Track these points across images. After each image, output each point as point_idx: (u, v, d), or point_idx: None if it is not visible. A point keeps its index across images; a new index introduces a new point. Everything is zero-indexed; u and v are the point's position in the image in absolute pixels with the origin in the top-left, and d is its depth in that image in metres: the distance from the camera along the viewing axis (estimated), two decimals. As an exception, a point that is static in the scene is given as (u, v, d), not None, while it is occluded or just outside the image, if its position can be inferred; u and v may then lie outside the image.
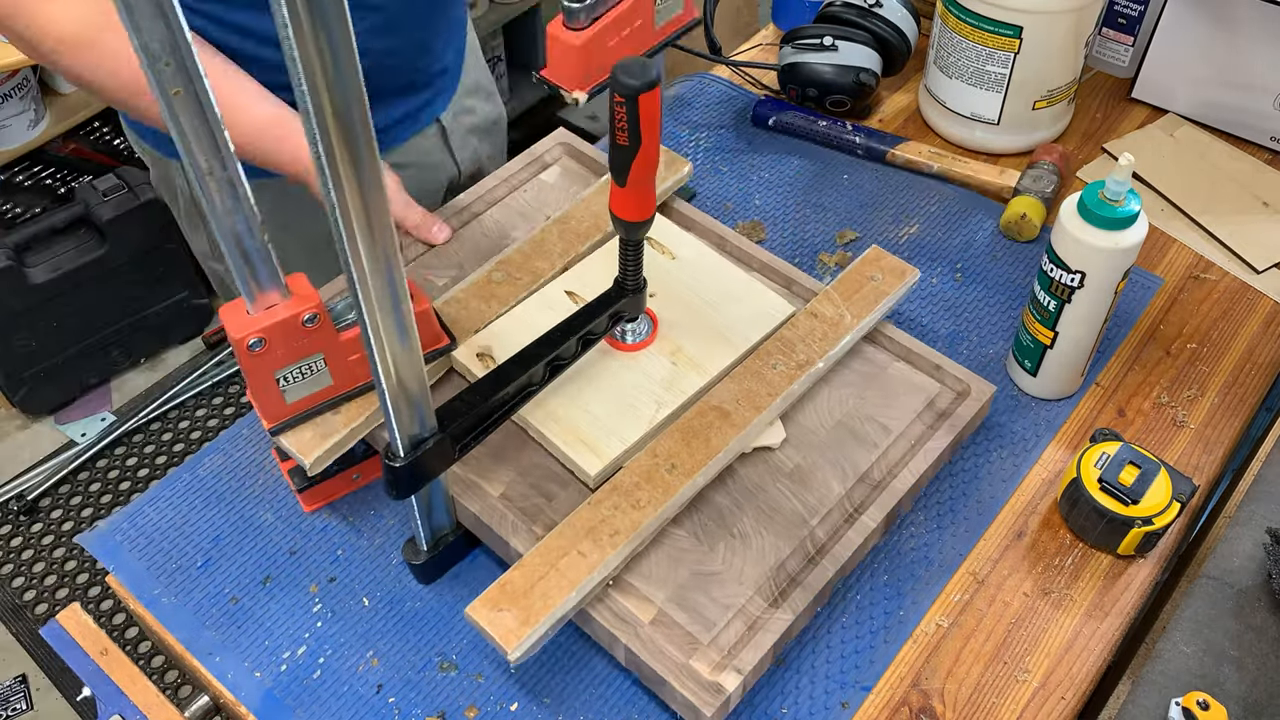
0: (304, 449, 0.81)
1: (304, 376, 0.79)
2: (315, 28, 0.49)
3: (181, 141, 0.62)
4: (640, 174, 0.75)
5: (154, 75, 0.59)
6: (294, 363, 0.77)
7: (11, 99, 2.01)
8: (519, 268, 0.95)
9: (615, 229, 0.80)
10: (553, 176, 1.08)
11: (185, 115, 0.61)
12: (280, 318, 0.74)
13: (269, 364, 0.76)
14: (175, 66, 0.59)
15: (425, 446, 0.72)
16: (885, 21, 1.19)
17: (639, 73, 0.69)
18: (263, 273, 0.72)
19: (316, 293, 0.75)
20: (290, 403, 0.80)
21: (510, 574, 0.75)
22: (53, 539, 2.01)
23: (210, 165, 0.64)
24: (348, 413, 0.83)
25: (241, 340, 0.73)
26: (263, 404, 0.79)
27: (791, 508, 0.83)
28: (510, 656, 0.72)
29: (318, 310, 0.75)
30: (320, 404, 0.82)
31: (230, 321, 0.74)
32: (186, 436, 2.16)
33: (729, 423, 0.84)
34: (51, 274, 2.00)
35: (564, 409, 0.86)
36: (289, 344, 0.76)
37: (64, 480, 2.08)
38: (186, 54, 0.59)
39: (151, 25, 0.57)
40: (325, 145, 0.53)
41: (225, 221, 0.67)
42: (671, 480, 0.81)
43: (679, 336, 0.91)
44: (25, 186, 2.26)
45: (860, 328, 0.91)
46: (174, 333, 2.27)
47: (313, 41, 0.49)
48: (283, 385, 0.78)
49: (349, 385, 0.82)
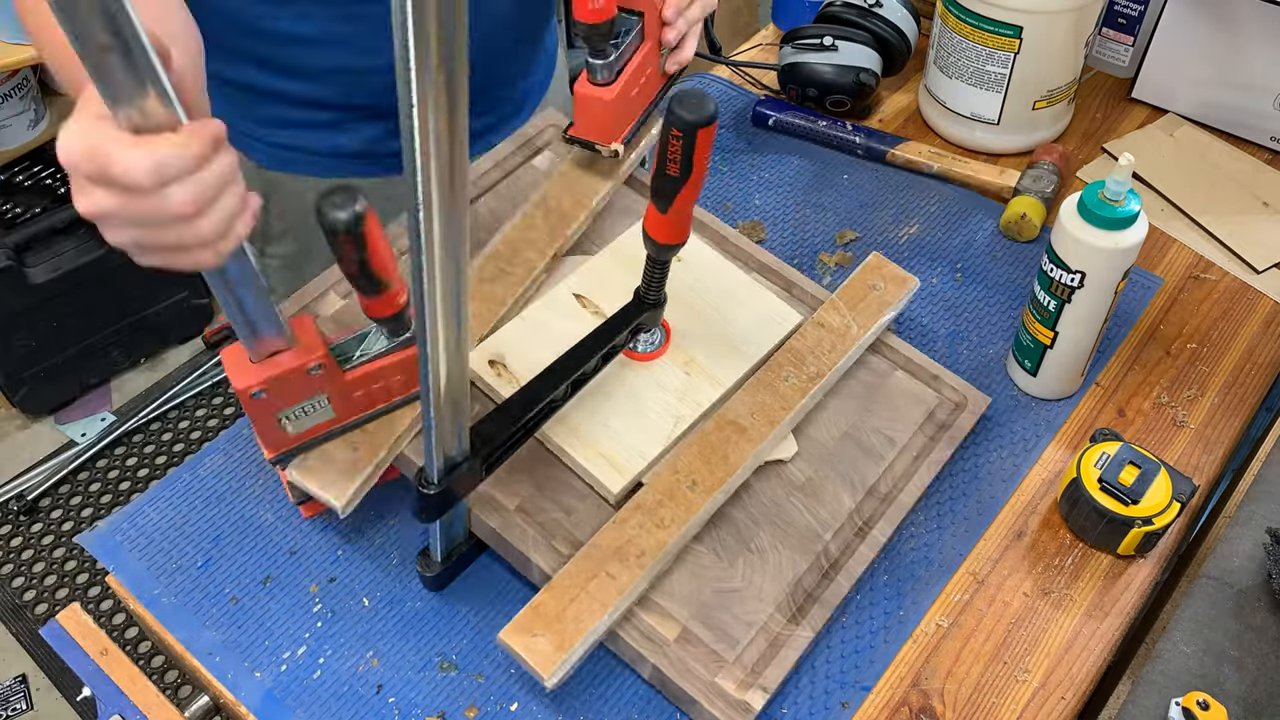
0: (331, 490, 0.78)
1: (306, 414, 0.77)
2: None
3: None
4: (684, 202, 0.75)
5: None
6: (297, 404, 0.76)
7: (11, 99, 2.01)
8: (509, 261, 0.94)
9: (645, 247, 0.80)
10: (545, 162, 1.05)
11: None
12: (285, 368, 0.72)
13: (271, 407, 0.74)
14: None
15: (459, 471, 0.72)
16: (885, 21, 1.19)
17: (697, 107, 0.68)
18: (263, 321, 0.69)
19: (321, 341, 0.73)
20: (292, 435, 0.78)
21: (541, 597, 0.75)
22: (53, 539, 2.01)
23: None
24: (368, 448, 0.80)
25: (244, 390, 0.71)
26: (264, 435, 0.78)
27: (805, 522, 0.84)
28: (547, 683, 0.72)
29: (323, 360, 0.73)
30: (323, 434, 0.80)
31: (233, 370, 0.72)
32: (186, 436, 2.16)
33: (745, 437, 0.84)
34: (51, 274, 1.99)
35: (583, 424, 0.85)
36: (293, 391, 0.74)
37: (64, 480, 2.08)
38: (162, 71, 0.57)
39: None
40: (420, 84, 0.49)
41: (218, 277, 0.63)
42: (694, 498, 0.81)
43: (691, 346, 0.90)
44: (25, 186, 2.26)
45: (866, 338, 0.91)
46: (174, 333, 2.27)
47: (434, 19, 0.46)
48: (284, 423, 0.77)
49: (351, 417, 0.81)
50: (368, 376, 0.78)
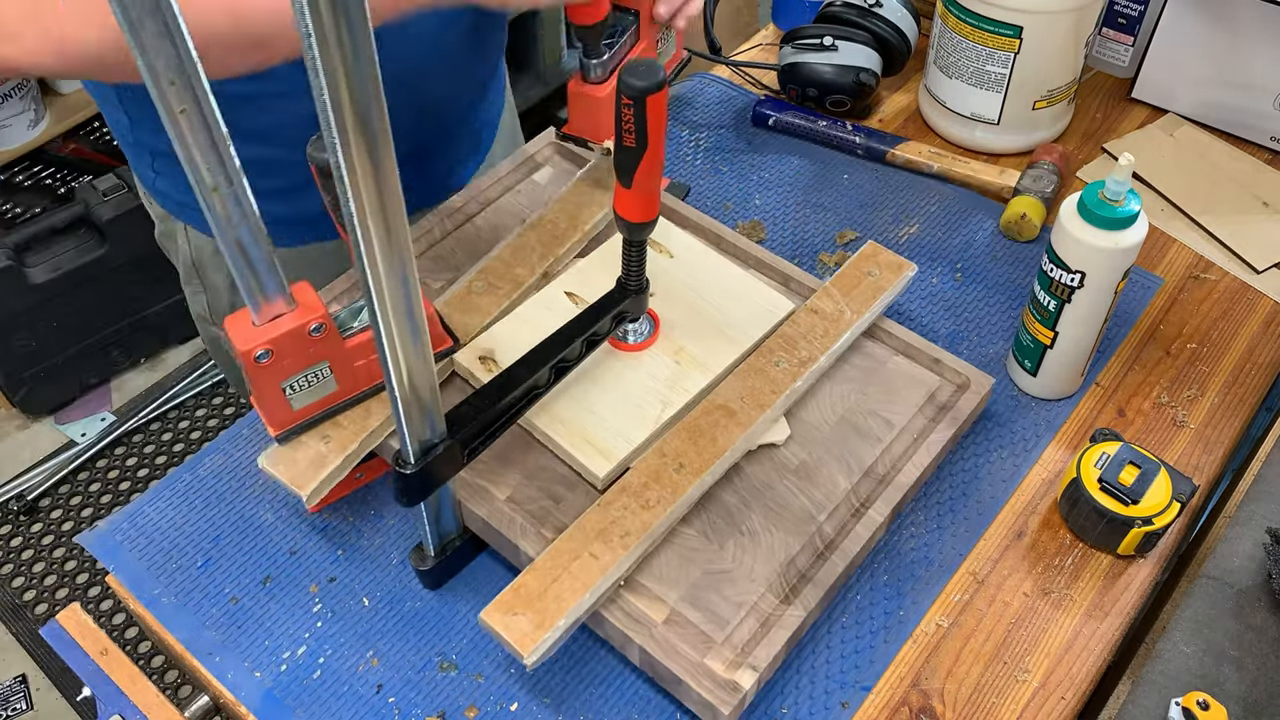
0: (299, 481, 0.80)
1: (310, 384, 0.79)
2: (339, 28, 0.48)
3: (187, 159, 0.62)
4: (646, 175, 0.75)
5: (160, 95, 0.58)
6: (300, 372, 0.77)
7: (11, 99, 2.01)
8: (500, 276, 0.95)
9: (619, 229, 0.81)
10: (545, 177, 1.08)
11: (192, 133, 0.61)
12: (287, 329, 0.74)
13: (276, 374, 0.76)
14: (181, 85, 0.58)
15: (435, 452, 0.72)
16: (885, 21, 1.19)
17: (646, 74, 0.69)
18: (269, 283, 0.71)
19: (321, 302, 0.75)
20: (297, 409, 0.80)
21: (523, 578, 0.75)
22: (53, 539, 2.01)
23: (216, 181, 0.63)
24: (340, 439, 0.82)
25: (249, 352, 0.73)
26: (269, 411, 0.79)
27: (799, 504, 0.84)
28: (526, 661, 0.72)
29: (324, 320, 0.75)
30: (326, 409, 0.81)
31: (236, 333, 0.73)
32: (186, 436, 2.16)
33: (735, 421, 0.84)
34: (51, 274, 2.00)
35: (569, 411, 0.86)
36: (296, 354, 0.76)
37: (64, 480, 2.08)
38: (193, 72, 0.58)
39: (157, 45, 0.56)
40: (343, 143, 0.52)
41: (230, 233, 0.66)
42: (680, 480, 0.81)
43: (681, 336, 0.91)
44: (25, 186, 2.26)
45: (861, 323, 0.91)
46: (174, 333, 2.27)
47: (334, 36, 0.48)
48: (289, 394, 0.78)
49: (354, 390, 0.82)
50: (368, 345, 0.79)
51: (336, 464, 0.81)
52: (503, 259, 0.96)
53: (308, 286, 0.76)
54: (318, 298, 0.75)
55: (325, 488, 0.81)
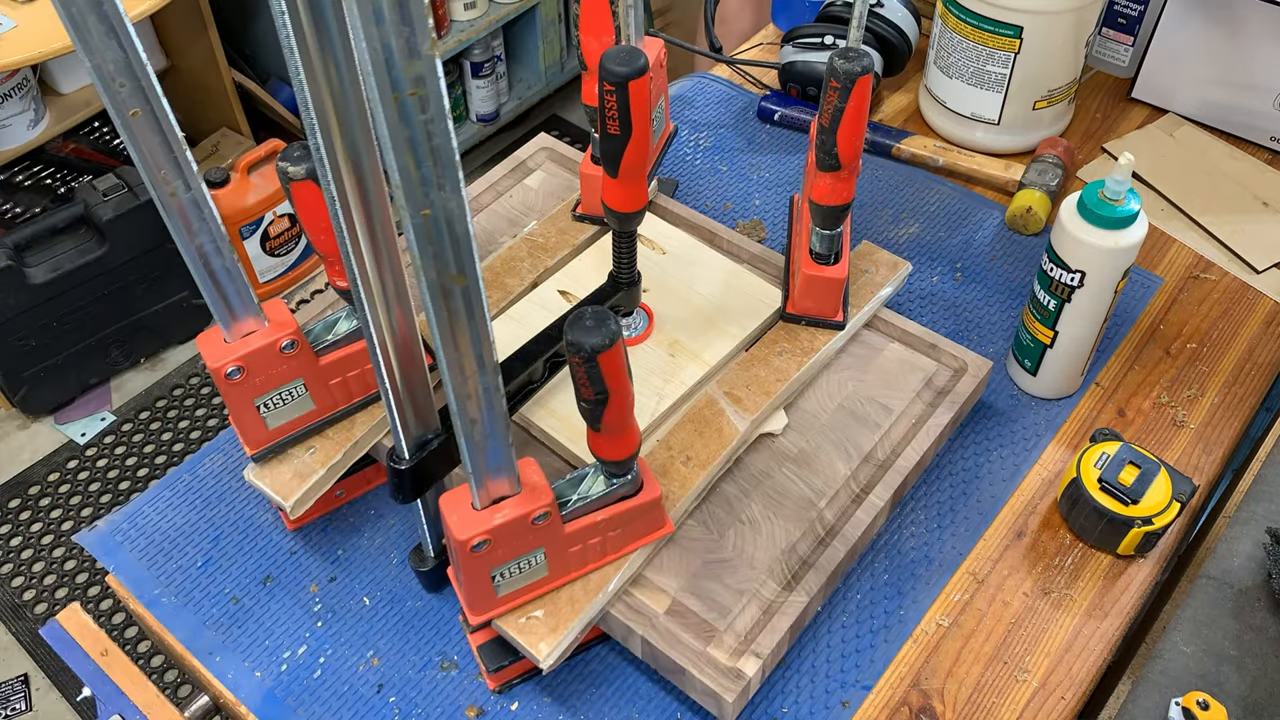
0: (282, 490, 0.79)
1: (284, 403, 0.78)
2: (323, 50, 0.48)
3: (141, 162, 0.61)
4: (632, 164, 0.75)
5: (110, 97, 0.58)
6: (273, 389, 0.76)
7: (11, 99, 2.01)
8: (489, 285, 0.95)
9: (608, 221, 0.81)
10: (536, 181, 1.09)
11: (144, 135, 0.60)
12: (257, 345, 0.73)
13: (248, 392, 0.75)
14: (131, 87, 0.58)
15: (430, 448, 0.72)
16: (886, 21, 1.19)
17: (627, 60, 0.69)
18: (235, 298, 0.71)
19: (294, 318, 0.75)
20: (272, 428, 0.79)
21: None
22: (52, 538, 2.01)
23: (173, 186, 0.63)
24: (324, 450, 0.81)
25: (219, 369, 0.72)
26: (244, 430, 0.78)
27: (799, 491, 0.84)
28: (543, 665, 0.72)
29: (296, 337, 0.74)
30: (303, 429, 0.80)
31: (207, 350, 0.73)
32: (186, 436, 2.16)
33: (740, 409, 0.85)
34: (51, 274, 1.99)
35: (565, 406, 0.86)
36: (267, 371, 0.75)
37: (64, 480, 2.08)
38: (142, 74, 0.58)
39: (104, 45, 0.56)
40: (326, 141, 0.53)
41: (190, 243, 0.66)
42: (688, 473, 0.81)
43: (675, 329, 0.91)
44: (25, 186, 2.26)
45: (862, 314, 0.92)
46: (174, 333, 2.27)
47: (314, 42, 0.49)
48: (263, 412, 0.77)
49: (331, 409, 0.81)
50: (342, 362, 0.79)
51: (320, 474, 0.80)
52: (493, 269, 0.97)
53: (280, 303, 0.75)
54: (290, 315, 0.75)
55: (310, 498, 0.80)
